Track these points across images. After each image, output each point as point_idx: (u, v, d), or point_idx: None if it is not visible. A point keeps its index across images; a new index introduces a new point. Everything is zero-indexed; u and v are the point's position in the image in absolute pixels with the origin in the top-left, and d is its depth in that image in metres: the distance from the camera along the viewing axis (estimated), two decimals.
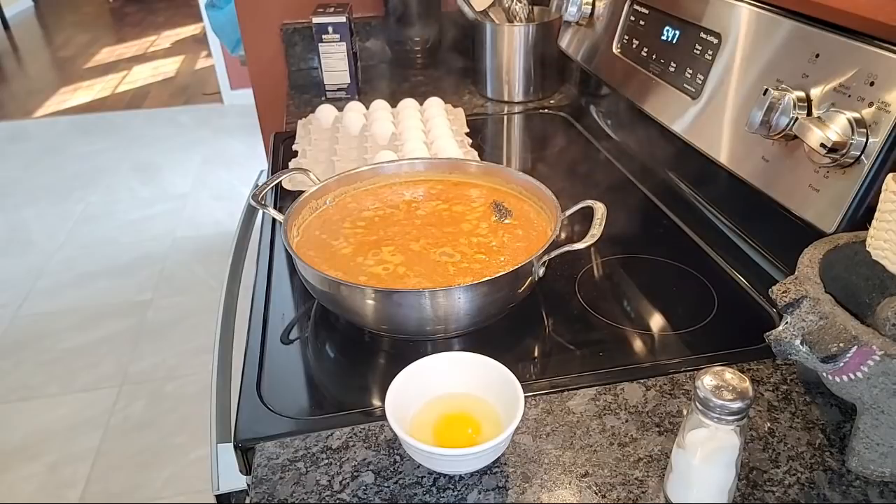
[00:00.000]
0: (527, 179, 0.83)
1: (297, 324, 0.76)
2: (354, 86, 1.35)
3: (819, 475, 0.54)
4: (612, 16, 1.11)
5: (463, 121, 1.20)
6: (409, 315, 0.67)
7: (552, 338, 0.73)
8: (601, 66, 1.13)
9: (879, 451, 0.52)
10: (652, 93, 0.97)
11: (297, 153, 1.09)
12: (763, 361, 0.66)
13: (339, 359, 0.73)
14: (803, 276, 0.53)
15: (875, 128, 0.59)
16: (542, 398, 0.62)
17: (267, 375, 0.67)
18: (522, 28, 1.29)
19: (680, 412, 0.60)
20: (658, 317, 0.75)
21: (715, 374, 0.46)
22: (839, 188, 0.63)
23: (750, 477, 0.54)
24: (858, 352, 0.48)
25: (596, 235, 0.72)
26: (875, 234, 0.52)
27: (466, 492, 0.54)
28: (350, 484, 0.55)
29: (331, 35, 1.29)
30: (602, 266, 0.84)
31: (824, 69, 0.66)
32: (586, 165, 1.13)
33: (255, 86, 1.60)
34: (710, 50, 0.84)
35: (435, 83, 1.46)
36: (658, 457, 0.56)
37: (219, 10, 2.53)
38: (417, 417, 0.57)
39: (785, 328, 0.52)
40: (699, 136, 0.85)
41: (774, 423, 0.59)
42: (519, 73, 1.31)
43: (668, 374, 0.65)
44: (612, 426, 0.59)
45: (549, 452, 0.57)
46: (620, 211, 0.80)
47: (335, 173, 0.89)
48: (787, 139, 0.69)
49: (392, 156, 0.96)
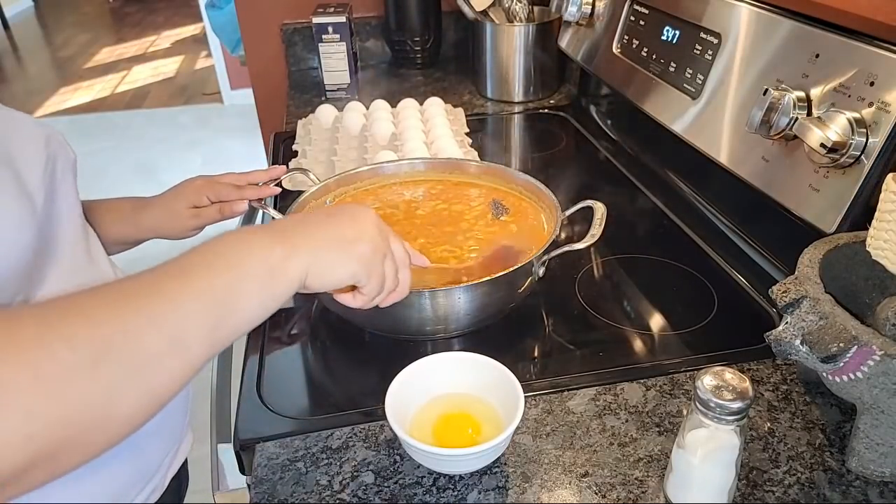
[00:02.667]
0: (527, 179, 0.83)
1: (297, 324, 0.76)
2: (354, 86, 1.35)
3: (819, 475, 0.54)
4: (612, 16, 1.11)
5: (463, 121, 1.20)
6: (409, 315, 0.67)
7: (552, 338, 0.73)
8: (601, 66, 1.13)
9: (879, 451, 0.52)
10: (652, 93, 0.97)
11: (297, 153, 1.09)
12: (763, 361, 0.66)
13: (339, 359, 0.73)
14: (803, 276, 0.53)
15: (875, 128, 0.59)
16: (542, 398, 0.62)
17: (267, 375, 0.67)
18: (522, 28, 1.29)
19: (680, 412, 0.60)
20: (658, 317, 0.75)
21: (715, 374, 0.46)
22: (839, 188, 0.63)
23: (750, 477, 0.54)
24: (858, 352, 0.48)
25: (596, 235, 0.72)
26: (875, 234, 0.52)
27: (466, 492, 0.54)
28: (350, 484, 0.55)
29: (331, 35, 1.29)
30: (602, 266, 0.84)
31: (824, 69, 0.66)
32: (586, 165, 1.13)
33: (255, 86, 1.60)
34: (710, 50, 0.84)
35: (435, 83, 1.46)
36: (658, 457, 0.56)
37: (219, 10, 2.53)
38: (417, 417, 0.57)
39: (785, 328, 0.52)
40: (699, 136, 0.85)
41: (774, 423, 0.59)
42: (519, 73, 1.31)
43: (668, 374, 0.65)
44: (612, 426, 0.59)
45: (549, 452, 0.57)
46: (620, 211, 0.80)
47: (335, 173, 0.89)
48: (787, 139, 0.69)
49: (392, 156, 0.96)
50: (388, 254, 0.53)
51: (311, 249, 0.46)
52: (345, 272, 0.48)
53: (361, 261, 0.49)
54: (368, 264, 0.50)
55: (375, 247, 0.51)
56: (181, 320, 0.38)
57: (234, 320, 0.40)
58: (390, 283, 0.54)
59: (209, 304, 0.39)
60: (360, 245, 0.49)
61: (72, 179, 0.61)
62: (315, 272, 0.45)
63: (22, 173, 0.53)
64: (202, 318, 0.39)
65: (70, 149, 0.62)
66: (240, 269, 0.41)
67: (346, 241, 0.48)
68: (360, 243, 0.49)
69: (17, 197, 0.51)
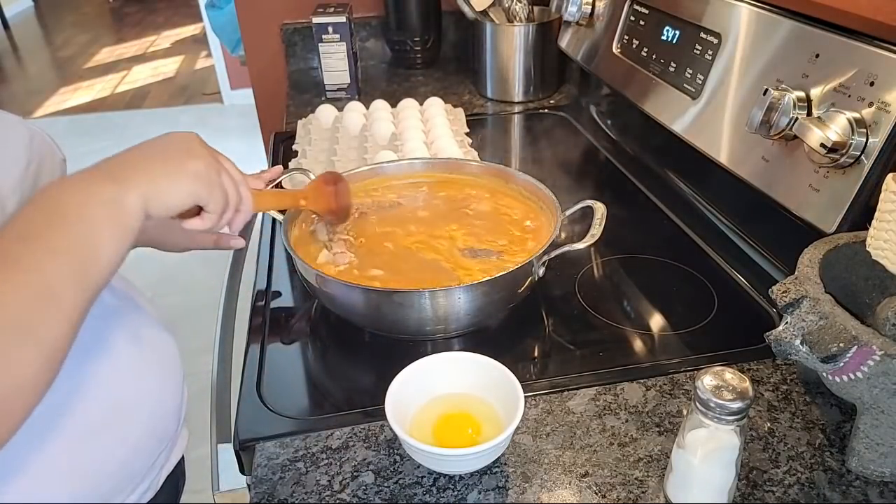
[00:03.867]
0: (527, 179, 0.83)
1: (297, 324, 0.76)
2: (354, 86, 1.35)
3: (819, 475, 0.54)
4: (612, 16, 1.11)
5: (463, 121, 1.20)
6: (409, 315, 0.67)
7: (552, 338, 0.73)
8: (601, 66, 1.13)
9: (879, 451, 0.52)
10: (652, 93, 0.97)
11: (297, 153, 1.08)
12: (763, 361, 0.66)
13: (339, 359, 0.73)
14: (803, 276, 0.53)
15: (875, 128, 0.59)
16: (542, 398, 0.62)
17: (267, 375, 0.67)
18: (522, 28, 1.29)
19: (680, 412, 0.60)
20: (658, 317, 0.75)
21: (715, 374, 0.46)
22: (839, 188, 0.63)
23: (750, 477, 0.54)
24: (858, 352, 0.48)
25: (596, 235, 0.72)
26: (875, 234, 0.52)
27: (466, 492, 0.54)
28: (350, 484, 0.55)
29: (331, 35, 1.29)
30: (602, 266, 0.84)
31: (824, 69, 0.66)
32: (586, 165, 1.13)
33: (255, 86, 1.60)
34: (710, 50, 0.84)
35: (435, 83, 1.45)
36: (658, 457, 0.56)
37: (219, 10, 2.53)
38: (417, 417, 0.57)
39: (785, 328, 0.52)
40: (699, 136, 0.85)
41: (774, 423, 0.59)
42: (519, 73, 1.31)
43: (668, 374, 0.65)
44: (612, 426, 0.59)
45: (549, 452, 0.57)
46: (620, 211, 0.80)
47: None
48: (787, 139, 0.69)
49: (392, 156, 0.96)
50: (221, 170, 0.53)
51: (144, 179, 0.47)
52: (183, 191, 0.49)
53: (198, 178, 0.50)
54: (206, 180, 0.51)
55: (207, 163, 0.51)
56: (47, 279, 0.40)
57: (97, 264, 0.43)
58: (233, 197, 0.54)
59: (72, 264, 0.41)
60: (191, 162, 0.50)
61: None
62: (154, 198, 0.47)
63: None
64: (67, 272, 0.41)
65: (57, 148, 0.61)
66: (83, 219, 0.43)
67: (177, 161, 0.49)
68: (191, 160, 0.50)
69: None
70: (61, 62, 5.06)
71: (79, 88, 4.47)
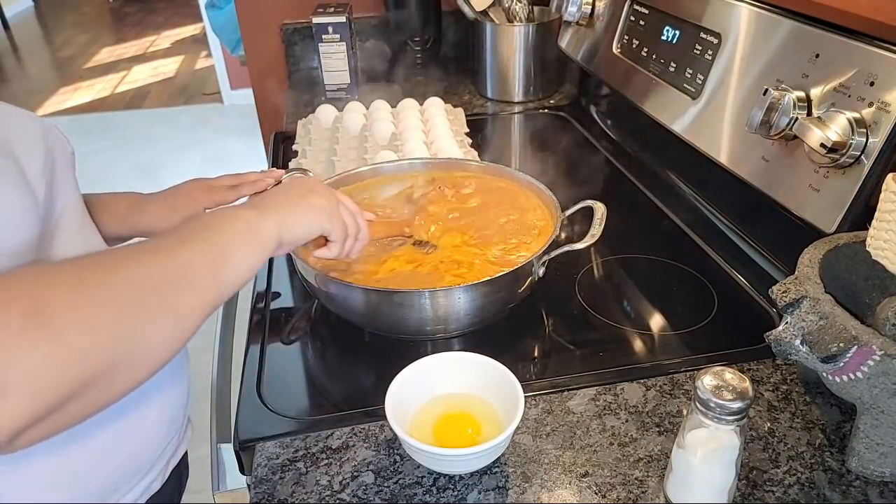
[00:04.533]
0: (527, 179, 0.83)
1: (297, 324, 0.76)
2: (354, 86, 1.35)
3: (819, 475, 0.54)
4: (612, 16, 1.11)
5: (463, 121, 1.20)
6: (409, 315, 0.67)
7: (552, 338, 0.73)
8: (601, 66, 1.13)
9: (879, 451, 0.52)
10: (652, 93, 0.97)
11: (297, 153, 1.08)
12: (763, 361, 0.66)
13: (339, 359, 0.73)
14: (803, 276, 0.53)
15: (875, 128, 0.59)
16: (542, 398, 0.62)
17: (267, 375, 0.67)
18: (522, 28, 1.29)
19: (680, 412, 0.60)
20: (658, 317, 0.75)
21: (715, 374, 0.46)
22: (839, 188, 0.63)
23: (750, 477, 0.54)
24: (858, 352, 0.48)
25: (596, 235, 0.72)
26: (875, 234, 0.52)
27: (466, 492, 0.54)
28: (350, 484, 0.55)
29: (331, 35, 1.29)
30: (602, 266, 0.84)
31: (824, 69, 0.66)
32: (586, 165, 1.13)
33: (255, 86, 1.60)
34: (710, 50, 0.84)
35: (435, 83, 1.45)
36: (658, 457, 0.56)
37: (219, 10, 2.52)
38: (417, 417, 0.57)
39: (785, 328, 0.52)
40: (699, 136, 0.85)
41: (774, 423, 0.59)
42: (519, 73, 1.31)
43: (668, 374, 0.65)
44: (612, 426, 0.59)
45: (549, 452, 0.57)
46: (620, 211, 0.80)
47: (335, 173, 0.89)
48: (787, 139, 0.69)
49: (392, 156, 0.96)
50: (339, 203, 0.63)
51: (277, 210, 0.56)
52: (311, 223, 0.58)
53: (322, 211, 0.59)
54: (328, 213, 0.60)
55: (328, 198, 0.61)
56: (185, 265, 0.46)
57: (228, 267, 0.49)
58: (352, 226, 0.63)
59: (209, 257, 0.48)
60: (315, 198, 0.59)
61: (71, 173, 0.62)
62: (286, 226, 0.55)
63: (23, 164, 0.53)
64: (206, 266, 0.47)
65: (67, 142, 0.63)
66: (225, 233, 0.50)
67: (303, 198, 0.59)
68: (314, 196, 0.59)
69: (19, 186, 0.52)
70: (61, 62, 5.06)
71: (79, 88, 4.47)
